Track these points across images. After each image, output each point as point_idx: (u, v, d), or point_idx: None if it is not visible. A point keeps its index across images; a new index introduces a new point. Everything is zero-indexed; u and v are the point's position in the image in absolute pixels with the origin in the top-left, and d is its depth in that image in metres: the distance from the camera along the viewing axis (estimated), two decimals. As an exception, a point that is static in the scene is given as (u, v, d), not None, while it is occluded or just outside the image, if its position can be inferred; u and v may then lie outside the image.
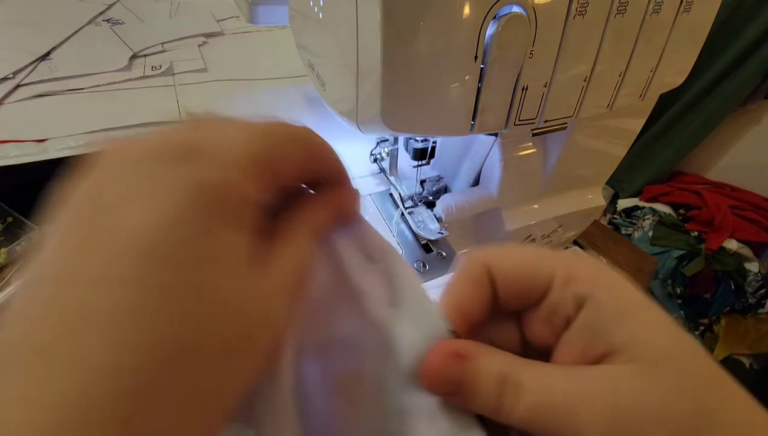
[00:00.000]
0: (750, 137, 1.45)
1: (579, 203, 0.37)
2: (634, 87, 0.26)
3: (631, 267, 0.58)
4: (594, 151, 0.34)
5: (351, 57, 0.22)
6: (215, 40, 0.67)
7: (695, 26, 0.26)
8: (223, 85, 0.58)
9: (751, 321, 1.34)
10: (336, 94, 0.27)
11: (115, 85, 0.54)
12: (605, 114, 0.27)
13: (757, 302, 1.32)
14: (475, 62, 0.20)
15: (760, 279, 1.31)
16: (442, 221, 0.31)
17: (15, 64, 0.53)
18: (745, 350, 1.33)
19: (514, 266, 0.15)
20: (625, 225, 1.51)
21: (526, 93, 0.23)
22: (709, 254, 1.31)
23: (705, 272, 1.30)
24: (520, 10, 0.19)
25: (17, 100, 0.50)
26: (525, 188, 0.34)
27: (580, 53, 0.22)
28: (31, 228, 0.46)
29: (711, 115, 1.40)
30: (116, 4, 0.70)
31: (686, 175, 1.59)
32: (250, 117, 0.14)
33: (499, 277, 0.15)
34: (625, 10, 0.22)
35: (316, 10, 0.26)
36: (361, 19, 0.21)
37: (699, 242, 1.35)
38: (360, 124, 0.25)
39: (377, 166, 0.36)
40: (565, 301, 0.14)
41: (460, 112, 0.22)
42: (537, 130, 0.26)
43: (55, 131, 0.46)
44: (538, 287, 0.14)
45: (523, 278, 0.15)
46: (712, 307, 1.33)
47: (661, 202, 1.51)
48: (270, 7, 0.36)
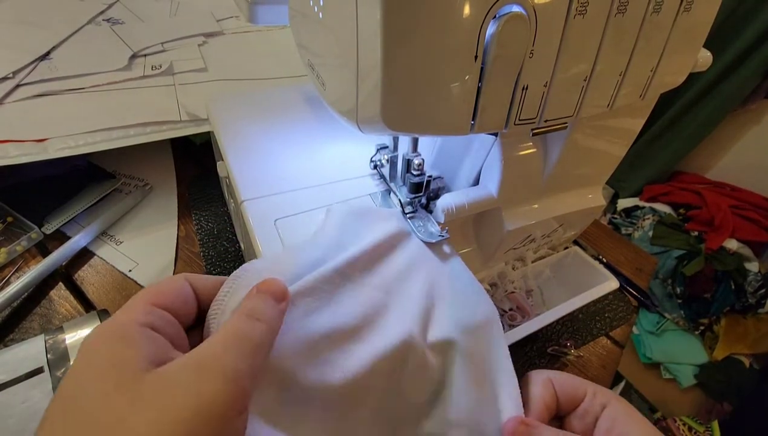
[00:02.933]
0: (750, 137, 1.45)
1: (579, 203, 0.37)
2: (635, 86, 0.26)
3: (630, 267, 0.58)
4: (594, 150, 0.34)
5: (351, 57, 0.22)
6: (215, 39, 0.67)
7: (696, 26, 0.26)
8: (222, 85, 0.58)
9: (751, 321, 1.34)
10: (336, 93, 0.27)
11: (115, 85, 0.54)
12: (605, 114, 0.27)
13: (757, 302, 1.32)
14: (475, 62, 0.20)
15: (760, 279, 1.31)
16: (441, 223, 0.31)
17: (15, 64, 0.53)
18: (745, 349, 1.33)
19: (567, 381, 0.25)
20: (625, 225, 1.51)
21: (526, 92, 0.23)
22: (709, 254, 1.31)
23: (705, 272, 1.30)
24: (520, 10, 0.19)
25: (17, 100, 0.50)
26: (525, 188, 0.34)
27: (580, 53, 0.22)
28: (31, 228, 0.46)
29: (711, 115, 1.40)
30: (116, 4, 0.70)
31: (686, 174, 1.59)
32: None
33: (557, 387, 0.24)
34: (626, 9, 0.22)
35: (315, 10, 0.26)
36: (361, 18, 0.21)
37: (699, 241, 1.35)
38: (360, 124, 0.25)
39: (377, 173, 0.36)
40: (594, 405, 0.24)
41: (460, 112, 0.22)
42: (537, 129, 0.26)
43: (55, 131, 0.46)
44: (578, 397, 0.24)
45: (571, 388, 0.24)
46: (712, 307, 1.33)
47: (661, 201, 1.51)
48: (270, 6, 0.36)
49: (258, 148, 0.37)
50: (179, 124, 0.51)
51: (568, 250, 0.45)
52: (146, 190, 0.54)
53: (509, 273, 0.42)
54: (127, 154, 0.54)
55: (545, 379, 0.25)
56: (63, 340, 0.38)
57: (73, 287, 0.45)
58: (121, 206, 0.51)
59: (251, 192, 0.33)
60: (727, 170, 1.52)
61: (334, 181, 0.36)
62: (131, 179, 0.55)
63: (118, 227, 0.50)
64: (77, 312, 0.42)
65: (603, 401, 0.24)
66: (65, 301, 0.43)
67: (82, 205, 0.49)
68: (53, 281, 0.44)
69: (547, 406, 0.24)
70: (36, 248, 0.46)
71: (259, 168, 0.36)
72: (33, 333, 0.40)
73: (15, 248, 0.45)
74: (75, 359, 0.17)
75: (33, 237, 0.46)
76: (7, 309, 0.41)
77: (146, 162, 0.57)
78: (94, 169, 0.54)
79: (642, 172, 1.58)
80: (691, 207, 1.45)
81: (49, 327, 0.40)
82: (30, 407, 0.34)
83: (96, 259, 0.47)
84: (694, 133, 1.46)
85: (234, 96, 0.44)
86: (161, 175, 0.56)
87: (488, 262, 0.39)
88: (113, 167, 0.55)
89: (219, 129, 0.39)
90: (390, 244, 0.28)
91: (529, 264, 0.42)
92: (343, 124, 0.27)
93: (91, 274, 0.46)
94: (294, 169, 0.36)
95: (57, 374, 0.36)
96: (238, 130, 0.39)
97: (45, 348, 0.37)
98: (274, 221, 0.31)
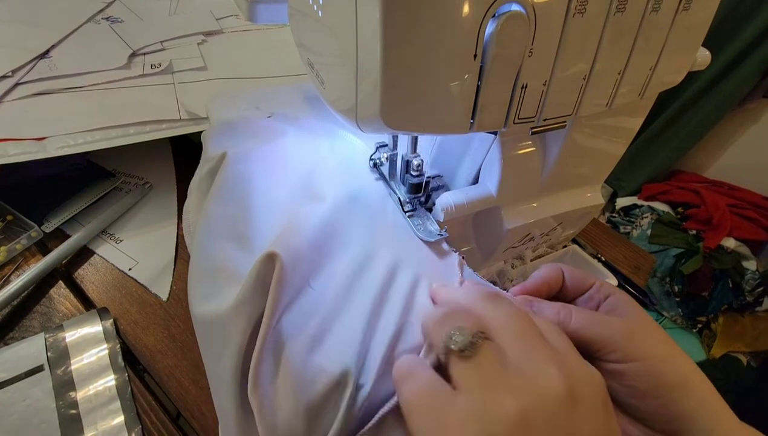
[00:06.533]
0: (748, 136, 1.45)
1: (578, 202, 0.37)
2: (634, 85, 0.26)
3: (629, 265, 0.58)
4: (593, 149, 0.34)
5: (350, 55, 0.22)
6: (215, 38, 0.67)
7: (694, 25, 0.26)
8: (222, 84, 0.58)
9: (748, 319, 1.35)
10: (335, 92, 0.27)
11: (114, 84, 0.54)
12: (604, 112, 0.27)
13: (754, 300, 1.33)
14: (475, 60, 0.20)
15: (758, 277, 1.32)
16: (441, 222, 0.31)
17: (14, 63, 0.52)
18: (743, 347, 1.33)
19: (577, 271, 0.27)
20: (623, 223, 1.51)
21: (525, 91, 0.23)
22: (707, 253, 1.32)
23: (703, 270, 1.31)
24: (520, 9, 0.19)
25: (16, 99, 0.50)
26: (524, 187, 0.34)
27: (579, 51, 0.23)
28: (30, 226, 0.46)
29: (710, 114, 1.40)
30: (115, 2, 0.70)
31: (685, 173, 1.59)
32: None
33: (566, 273, 0.27)
34: (625, 8, 0.22)
35: (315, 9, 0.26)
36: (360, 17, 0.21)
37: (697, 240, 1.35)
38: (359, 123, 0.25)
39: (377, 172, 0.36)
40: (600, 294, 0.26)
41: (460, 111, 0.22)
42: (536, 128, 0.26)
43: (55, 129, 0.46)
44: (586, 285, 0.26)
45: (580, 277, 0.27)
46: (710, 305, 1.34)
47: (659, 200, 1.51)
48: (269, 5, 0.36)
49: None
50: (179, 123, 0.51)
51: (567, 248, 0.45)
52: (146, 189, 0.54)
53: (508, 272, 0.42)
54: (127, 153, 0.54)
55: (556, 266, 0.27)
56: (63, 338, 0.38)
57: (73, 286, 0.45)
58: (121, 205, 0.51)
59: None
60: (725, 169, 1.52)
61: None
62: (131, 178, 0.55)
63: (118, 226, 0.50)
64: (77, 310, 0.42)
65: (608, 291, 0.25)
66: (65, 299, 0.43)
67: (82, 204, 0.49)
68: (53, 280, 0.44)
69: (548, 283, 0.26)
70: (36, 247, 0.46)
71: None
72: (33, 331, 0.40)
73: (15, 247, 0.45)
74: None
75: (33, 235, 0.46)
76: (7, 307, 0.41)
77: (146, 161, 0.57)
78: (93, 168, 0.54)
79: (641, 171, 1.58)
80: (689, 206, 1.45)
81: (49, 325, 0.40)
82: (30, 405, 0.34)
83: (96, 257, 0.47)
84: (693, 132, 1.46)
85: (234, 95, 0.44)
86: (161, 173, 0.56)
87: (487, 260, 0.39)
88: (113, 166, 0.55)
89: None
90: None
91: (528, 262, 0.42)
92: (343, 123, 0.27)
93: (90, 272, 0.46)
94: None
95: (57, 372, 0.36)
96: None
97: (45, 346, 0.37)
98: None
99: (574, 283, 0.27)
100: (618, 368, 0.22)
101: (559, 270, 0.27)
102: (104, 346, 0.38)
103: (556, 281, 0.27)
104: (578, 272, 0.27)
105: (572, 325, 0.23)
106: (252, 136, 0.35)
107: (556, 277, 0.27)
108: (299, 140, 0.35)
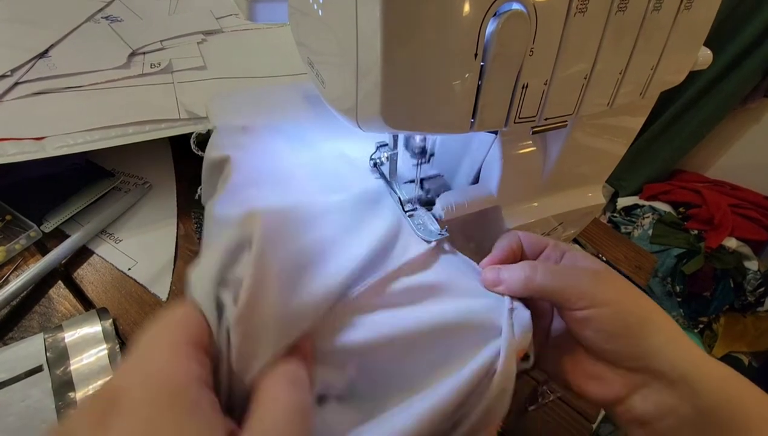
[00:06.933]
0: (750, 136, 1.45)
1: (579, 201, 0.37)
2: (635, 85, 0.26)
3: (630, 265, 0.58)
4: (594, 149, 0.34)
5: (351, 55, 0.22)
6: (214, 37, 0.67)
7: (696, 24, 0.26)
8: (222, 83, 0.58)
9: (750, 319, 1.35)
10: (336, 92, 0.27)
11: (113, 83, 0.54)
12: (605, 112, 0.27)
13: (756, 300, 1.33)
14: (475, 60, 0.20)
15: (760, 277, 1.31)
16: (441, 220, 0.31)
17: (13, 62, 0.52)
18: (744, 347, 1.33)
19: (532, 236, 0.29)
20: (624, 223, 1.51)
21: (526, 91, 0.22)
22: (709, 253, 1.32)
23: (704, 270, 1.31)
24: (521, 8, 0.19)
25: (15, 98, 0.49)
26: (525, 186, 0.34)
27: (580, 51, 0.22)
28: (30, 226, 0.46)
29: (711, 114, 1.40)
30: (115, 2, 0.70)
31: (686, 173, 1.59)
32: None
33: (523, 238, 0.29)
34: (626, 7, 0.22)
35: (315, 8, 0.26)
36: (360, 16, 0.20)
37: (698, 240, 1.35)
38: (360, 122, 0.25)
39: (377, 171, 0.36)
40: (556, 252, 0.28)
41: (460, 110, 0.22)
42: (537, 128, 0.26)
43: (54, 129, 0.46)
44: (542, 246, 0.29)
45: (536, 239, 0.29)
46: (712, 305, 1.34)
47: (660, 200, 1.51)
48: (269, 4, 0.36)
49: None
50: (178, 123, 0.51)
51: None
52: (145, 189, 0.54)
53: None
54: (126, 153, 0.54)
55: (513, 233, 0.30)
56: (62, 338, 0.38)
57: (73, 286, 0.45)
58: (120, 205, 0.51)
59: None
60: (726, 169, 1.52)
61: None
62: (130, 177, 0.55)
63: (118, 226, 0.50)
64: (76, 311, 0.42)
65: (563, 248, 0.28)
66: (64, 299, 0.43)
67: (81, 204, 0.49)
68: (52, 280, 0.44)
69: (512, 249, 0.28)
70: (35, 247, 0.46)
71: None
72: (32, 332, 0.40)
73: (14, 247, 0.45)
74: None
75: (32, 235, 0.46)
76: (6, 308, 0.41)
77: (145, 160, 0.57)
78: (92, 168, 0.54)
79: (642, 171, 1.58)
80: (690, 206, 1.45)
81: (49, 326, 0.40)
82: (29, 406, 0.34)
83: (95, 257, 0.47)
84: (694, 131, 1.46)
85: (233, 94, 0.44)
86: (160, 173, 0.56)
87: (488, 260, 0.39)
88: (112, 165, 0.55)
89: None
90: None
91: (529, 263, 0.42)
92: (343, 122, 0.27)
93: (90, 272, 0.46)
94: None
95: (56, 372, 0.36)
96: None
97: (44, 346, 0.37)
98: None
99: (530, 245, 0.29)
100: (587, 314, 0.23)
101: (517, 236, 0.29)
102: (104, 346, 0.38)
103: (518, 245, 0.29)
104: (532, 235, 0.29)
105: (539, 279, 0.25)
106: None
107: (517, 241, 0.29)
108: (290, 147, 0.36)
